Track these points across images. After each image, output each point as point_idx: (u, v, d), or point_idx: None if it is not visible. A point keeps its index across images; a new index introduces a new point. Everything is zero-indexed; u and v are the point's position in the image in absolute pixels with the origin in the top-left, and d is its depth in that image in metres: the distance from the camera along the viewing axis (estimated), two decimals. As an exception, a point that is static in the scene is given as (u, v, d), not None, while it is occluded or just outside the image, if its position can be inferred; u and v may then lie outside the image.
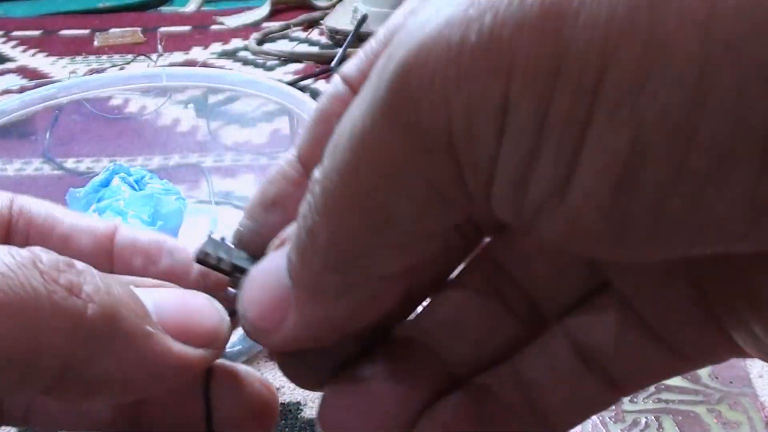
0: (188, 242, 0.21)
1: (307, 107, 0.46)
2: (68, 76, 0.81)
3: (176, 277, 0.20)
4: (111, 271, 0.20)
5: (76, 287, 0.15)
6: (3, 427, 0.33)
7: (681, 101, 0.11)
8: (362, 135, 0.14)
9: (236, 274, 0.19)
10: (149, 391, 0.18)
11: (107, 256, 0.21)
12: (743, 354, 0.18)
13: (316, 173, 0.16)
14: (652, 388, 0.31)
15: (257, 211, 0.20)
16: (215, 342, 0.19)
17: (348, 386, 0.20)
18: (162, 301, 0.18)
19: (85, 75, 0.71)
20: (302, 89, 0.78)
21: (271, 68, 0.84)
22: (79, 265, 0.16)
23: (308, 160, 0.19)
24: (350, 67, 0.18)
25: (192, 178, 0.56)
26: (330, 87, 0.19)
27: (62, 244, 0.20)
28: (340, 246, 0.16)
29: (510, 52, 0.12)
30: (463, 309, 0.21)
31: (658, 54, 0.11)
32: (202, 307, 0.19)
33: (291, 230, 0.17)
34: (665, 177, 0.12)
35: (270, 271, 0.18)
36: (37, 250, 0.16)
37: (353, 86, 0.18)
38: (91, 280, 0.16)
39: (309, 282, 0.17)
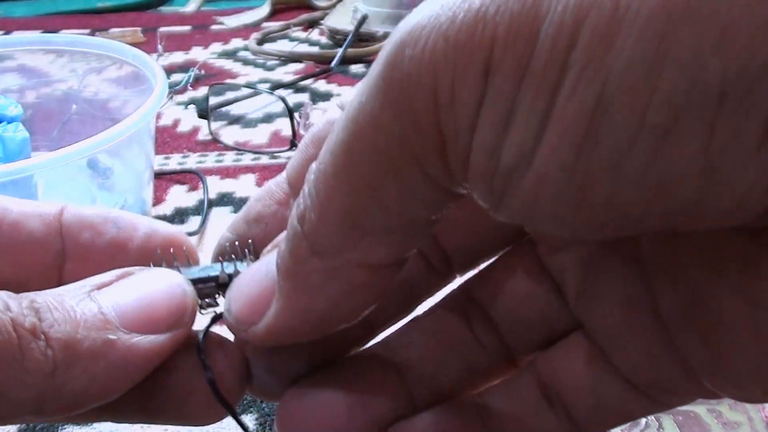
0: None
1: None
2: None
3: (121, 244, 0.21)
4: (62, 249, 0.21)
5: (38, 329, 0.17)
6: (3, 427, 0.33)
7: (642, 56, 0.12)
8: (356, 113, 0.15)
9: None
10: (130, 386, 0.18)
11: (57, 236, 0.22)
12: (711, 395, 0.19)
13: (313, 164, 0.16)
14: (652, 389, 0.31)
15: (239, 225, 0.22)
16: (181, 320, 0.19)
17: (307, 391, 0.20)
18: (122, 300, 0.19)
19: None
20: (302, 89, 0.78)
21: (271, 68, 0.84)
22: (37, 302, 0.18)
23: (297, 181, 0.20)
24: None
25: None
26: (328, 112, 0.20)
27: (13, 230, 0.21)
28: (328, 227, 0.16)
29: (494, 22, 0.13)
30: (433, 334, 0.22)
31: (624, 13, 0.12)
32: (164, 290, 0.19)
33: (283, 235, 0.18)
34: (625, 134, 0.13)
35: (259, 269, 0.19)
36: (3, 296, 0.17)
37: None
38: (47, 316, 0.17)
39: (294, 268, 0.17)
